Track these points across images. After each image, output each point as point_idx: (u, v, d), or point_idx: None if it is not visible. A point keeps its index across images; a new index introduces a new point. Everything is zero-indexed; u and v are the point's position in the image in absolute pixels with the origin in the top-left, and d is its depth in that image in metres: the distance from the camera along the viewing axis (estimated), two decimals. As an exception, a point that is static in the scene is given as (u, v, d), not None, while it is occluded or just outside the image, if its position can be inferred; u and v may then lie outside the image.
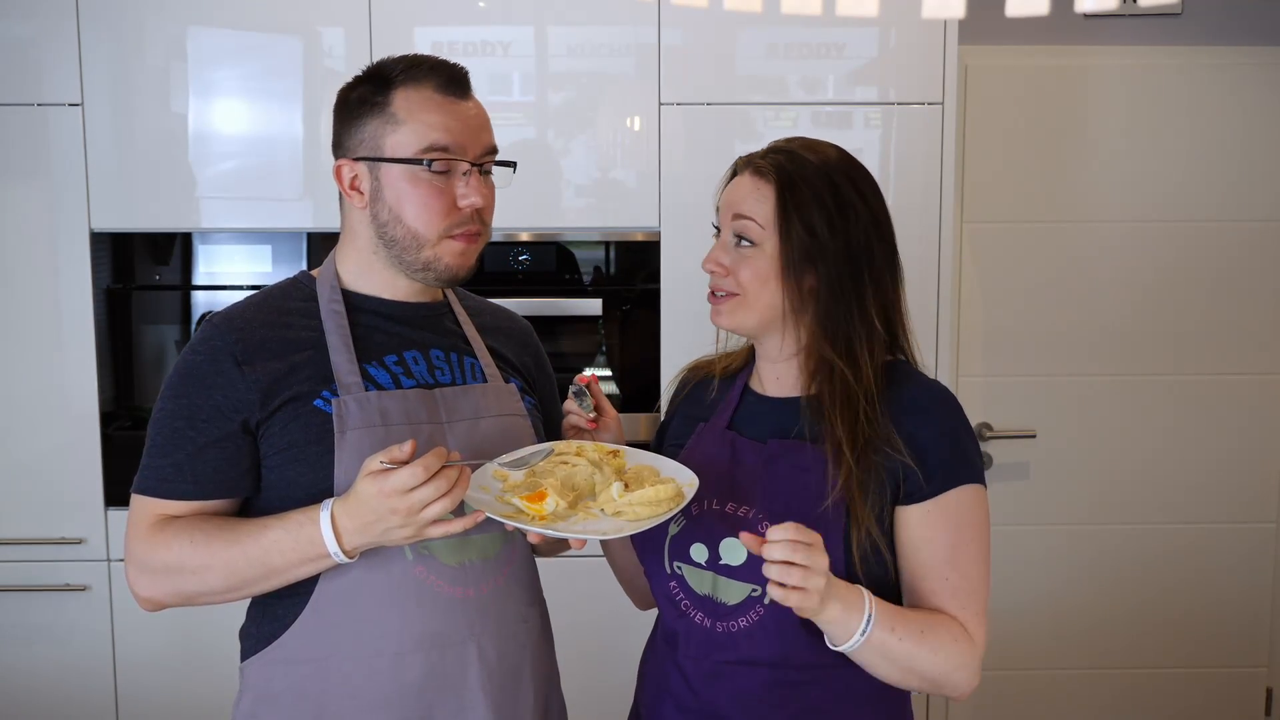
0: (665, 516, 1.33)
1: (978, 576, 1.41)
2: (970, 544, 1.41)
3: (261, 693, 1.45)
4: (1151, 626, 3.12)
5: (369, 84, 1.46)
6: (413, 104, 1.43)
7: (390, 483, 1.26)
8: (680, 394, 1.64)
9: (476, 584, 1.45)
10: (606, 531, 1.32)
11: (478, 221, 1.45)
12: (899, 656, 1.34)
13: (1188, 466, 3.08)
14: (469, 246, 1.46)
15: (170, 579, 1.41)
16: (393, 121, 1.43)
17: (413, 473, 1.26)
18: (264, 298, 1.52)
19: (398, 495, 1.26)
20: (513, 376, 1.58)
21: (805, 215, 1.41)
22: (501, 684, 1.47)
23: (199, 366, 1.43)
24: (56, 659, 2.61)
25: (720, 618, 1.44)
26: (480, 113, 1.48)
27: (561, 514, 1.35)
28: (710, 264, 1.47)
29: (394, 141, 1.43)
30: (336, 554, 1.34)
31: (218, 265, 2.74)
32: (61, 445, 2.57)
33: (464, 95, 1.46)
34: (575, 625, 2.16)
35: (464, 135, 1.43)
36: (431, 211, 1.43)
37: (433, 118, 1.42)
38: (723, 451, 1.49)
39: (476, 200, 1.43)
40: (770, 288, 1.43)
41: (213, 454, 1.41)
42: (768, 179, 1.44)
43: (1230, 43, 2.98)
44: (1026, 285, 3.02)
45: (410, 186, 1.43)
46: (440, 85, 1.44)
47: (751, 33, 2.59)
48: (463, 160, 1.43)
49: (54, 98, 2.51)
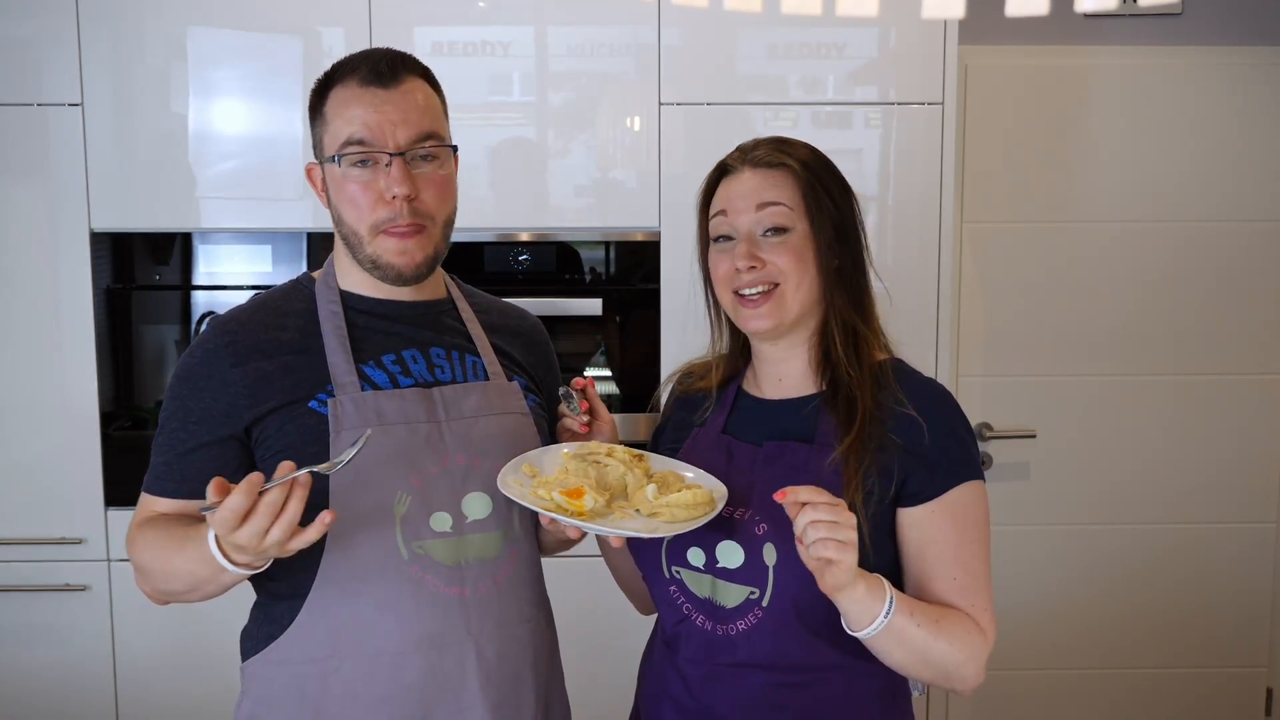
0: (703, 520, 1.35)
1: (983, 572, 1.41)
2: (974, 541, 1.41)
3: (261, 694, 1.46)
4: (1151, 626, 3.12)
5: (319, 84, 1.48)
6: (337, 101, 1.44)
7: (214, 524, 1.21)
8: (673, 399, 1.64)
9: (474, 584, 1.44)
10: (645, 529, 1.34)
11: (410, 215, 1.42)
12: (916, 644, 1.34)
13: (1188, 466, 3.08)
14: (405, 243, 1.43)
15: (141, 576, 1.44)
16: (324, 121, 1.45)
17: (223, 520, 1.19)
18: (264, 300, 1.52)
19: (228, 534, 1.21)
20: (517, 375, 1.58)
21: (831, 193, 1.46)
22: (501, 685, 1.46)
23: (194, 368, 1.44)
24: (56, 659, 2.61)
25: (720, 620, 1.43)
26: (414, 99, 1.44)
27: (598, 511, 1.37)
28: (744, 260, 1.42)
29: (327, 140, 1.45)
30: (228, 567, 1.28)
31: (218, 265, 2.74)
32: (61, 445, 2.57)
33: (388, 84, 1.43)
34: (576, 625, 2.16)
35: (382, 126, 1.41)
36: (358, 207, 1.43)
37: (350, 111, 1.42)
38: (718, 456, 1.49)
39: (396, 190, 1.40)
40: (810, 270, 1.44)
41: (201, 455, 1.42)
42: (780, 166, 1.45)
43: (1230, 43, 2.98)
44: (1026, 285, 3.02)
45: (341, 183, 1.43)
46: (363, 78, 1.43)
47: (751, 33, 2.59)
48: (381, 151, 1.41)
49: (54, 98, 2.51)
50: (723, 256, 1.46)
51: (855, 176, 2.61)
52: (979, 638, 1.38)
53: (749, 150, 1.48)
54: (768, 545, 1.40)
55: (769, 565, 1.39)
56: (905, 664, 1.36)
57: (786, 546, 1.36)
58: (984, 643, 1.38)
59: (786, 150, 1.47)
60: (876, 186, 2.63)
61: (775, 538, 1.39)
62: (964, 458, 1.41)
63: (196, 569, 1.33)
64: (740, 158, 1.48)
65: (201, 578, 1.35)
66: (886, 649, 1.35)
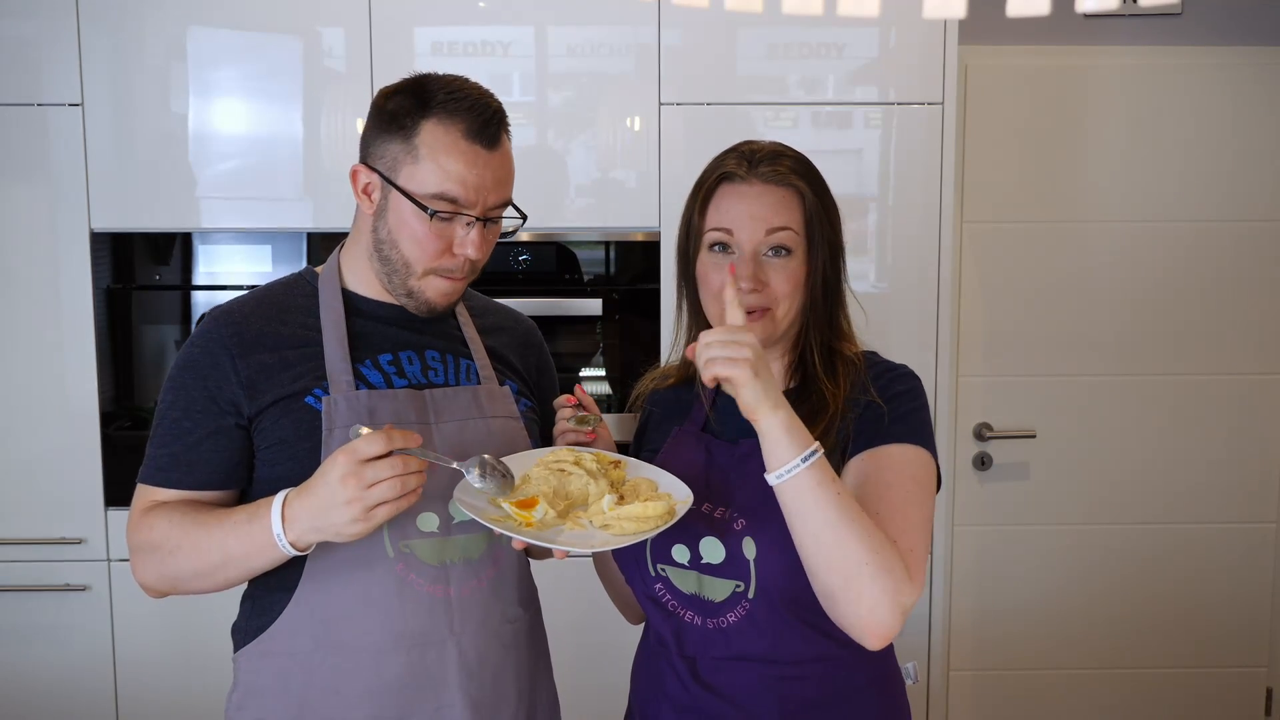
0: (650, 534, 1.33)
1: (915, 522, 1.36)
2: (910, 497, 1.37)
3: (250, 685, 1.47)
4: (1151, 626, 3.12)
5: (406, 98, 1.43)
6: (437, 142, 1.41)
7: (352, 448, 1.27)
8: (648, 399, 1.65)
9: (458, 584, 1.46)
10: (590, 544, 1.33)
11: (468, 268, 1.46)
12: (831, 513, 1.27)
13: (1188, 466, 3.08)
14: (454, 286, 1.47)
15: (151, 557, 1.43)
16: (414, 153, 1.42)
17: (372, 439, 1.26)
18: (265, 293, 1.53)
19: (354, 469, 1.26)
20: (509, 379, 1.59)
21: (831, 216, 1.48)
22: (482, 685, 1.48)
23: (195, 359, 1.45)
24: (56, 659, 2.61)
25: (709, 615, 1.45)
26: (504, 164, 1.46)
27: (549, 522, 1.36)
28: (748, 281, 1.42)
29: (409, 173, 1.42)
30: (280, 538, 1.33)
31: (218, 265, 2.74)
32: (61, 445, 2.58)
33: (491, 145, 1.43)
34: (569, 626, 2.16)
35: (478, 190, 1.42)
36: (425, 251, 1.44)
37: (452, 165, 1.40)
38: (698, 454, 1.50)
39: (472, 254, 1.44)
40: (800, 292, 1.46)
41: (207, 445, 1.43)
42: (789, 187, 1.45)
43: (1230, 43, 2.98)
44: (1026, 285, 3.02)
45: (412, 222, 1.43)
46: (470, 130, 1.41)
47: (751, 33, 2.59)
48: (468, 214, 1.43)
49: (54, 98, 2.51)
50: (718, 269, 1.45)
51: (855, 176, 2.63)
52: (899, 563, 1.30)
53: (751, 159, 1.46)
54: (747, 539, 1.41)
55: (750, 559, 1.41)
56: (816, 541, 1.29)
57: (765, 538, 1.38)
58: (905, 576, 1.30)
59: (793, 168, 1.46)
60: (876, 186, 2.63)
61: (753, 531, 1.41)
62: (912, 427, 1.42)
63: (233, 546, 1.36)
64: (745, 168, 1.46)
65: (234, 555, 1.36)
66: (799, 508, 1.29)
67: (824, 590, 1.32)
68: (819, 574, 1.31)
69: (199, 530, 1.39)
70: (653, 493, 1.41)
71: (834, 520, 1.28)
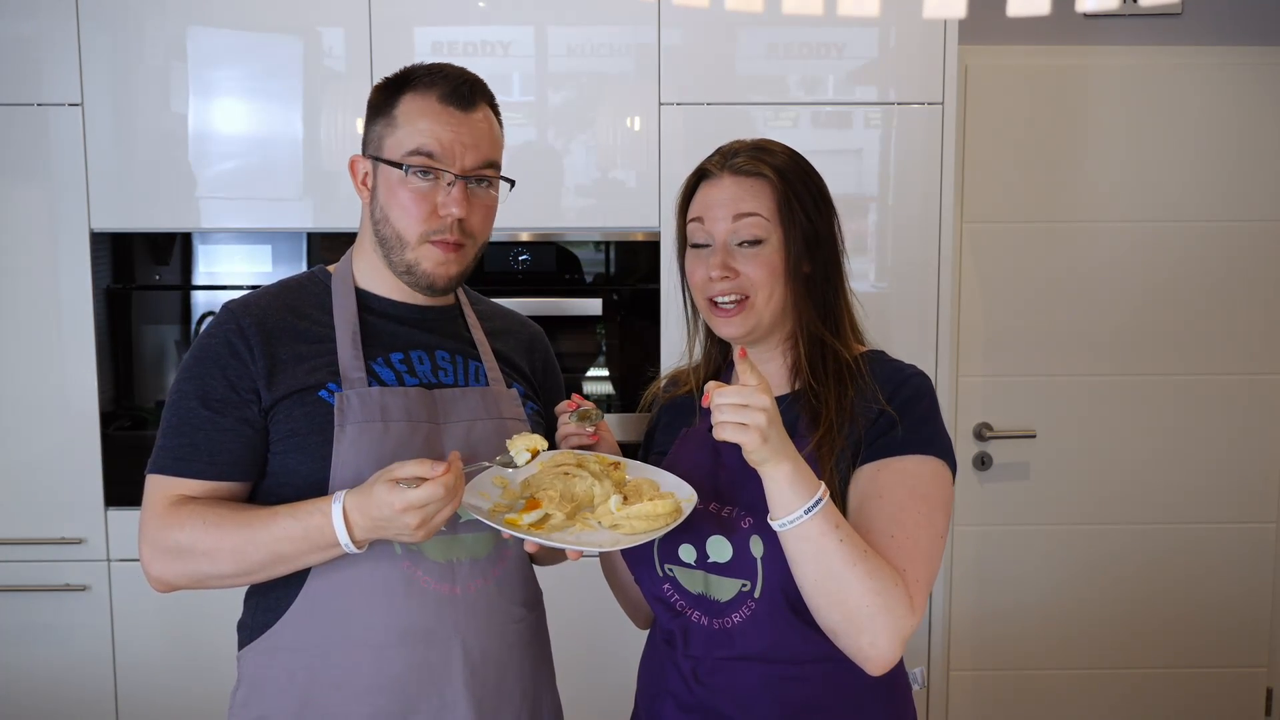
0: (660, 532, 1.35)
1: (926, 545, 1.35)
2: (922, 513, 1.36)
3: (254, 681, 1.47)
4: (1151, 626, 3.12)
5: (390, 85, 1.51)
6: (412, 109, 1.47)
7: (409, 498, 1.29)
8: (660, 406, 1.66)
9: (464, 582, 1.47)
10: (600, 544, 1.33)
11: (458, 232, 1.47)
12: (833, 564, 1.28)
13: (1188, 466, 3.08)
14: (448, 255, 1.48)
15: (183, 560, 1.42)
16: (393, 124, 1.48)
17: (433, 492, 1.29)
18: (280, 288, 1.55)
19: (414, 510, 1.29)
20: (516, 381, 1.61)
21: (804, 204, 1.46)
22: (485, 683, 1.48)
23: (213, 349, 1.46)
24: (56, 659, 2.61)
25: (715, 615, 1.45)
26: (483, 127, 1.49)
27: (558, 524, 1.37)
28: (718, 270, 1.44)
29: (390, 143, 1.48)
30: (348, 545, 1.36)
31: (218, 265, 2.74)
32: (61, 445, 2.58)
33: (466, 107, 1.48)
34: (575, 626, 2.16)
35: (454, 146, 1.46)
36: (410, 215, 1.46)
37: (425, 124, 1.46)
38: (705, 454, 1.51)
39: (454, 210, 1.46)
40: (780, 281, 1.45)
41: (227, 434, 1.44)
42: (758, 176, 1.46)
43: (1230, 43, 2.98)
44: (1026, 285, 3.02)
45: (398, 188, 1.47)
46: (444, 94, 1.47)
47: (751, 33, 2.59)
48: (448, 170, 1.45)
49: (54, 98, 2.51)
50: (698, 263, 1.48)
51: (855, 176, 2.63)
52: (903, 599, 1.30)
53: (729, 156, 1.49)
54: (754, 537, 1.42)
55: (757, 557, 1.41)
56: (817, 586, 1.30)
57: (772, 536, 1.38)
58: (907, 610, 1.30)
59: (765, 158, 1.47)
60: (876, 186, 2.63)
61: (760, 529, 1.41)
62: (928, 435, 1.41)
63: (286, 546, 1.37)
64: (720, 163, 1.49)
65: (287, 554, 1.38)
66: (803, 555, 1.29)
67: (825, 623, 1.34)
68: (820, 611, 1.33)
69: (240, 533, 1.39)
70: (656, 492, 1.41)
71: (836, 570, 1.29)
